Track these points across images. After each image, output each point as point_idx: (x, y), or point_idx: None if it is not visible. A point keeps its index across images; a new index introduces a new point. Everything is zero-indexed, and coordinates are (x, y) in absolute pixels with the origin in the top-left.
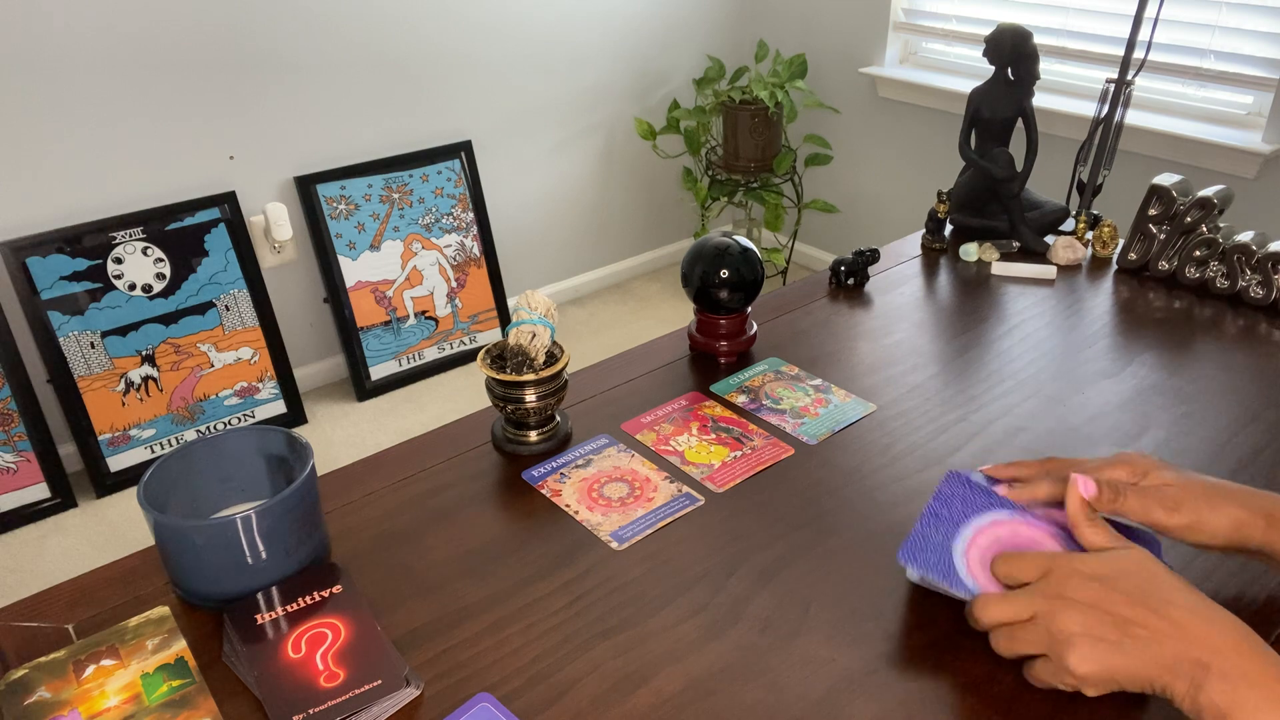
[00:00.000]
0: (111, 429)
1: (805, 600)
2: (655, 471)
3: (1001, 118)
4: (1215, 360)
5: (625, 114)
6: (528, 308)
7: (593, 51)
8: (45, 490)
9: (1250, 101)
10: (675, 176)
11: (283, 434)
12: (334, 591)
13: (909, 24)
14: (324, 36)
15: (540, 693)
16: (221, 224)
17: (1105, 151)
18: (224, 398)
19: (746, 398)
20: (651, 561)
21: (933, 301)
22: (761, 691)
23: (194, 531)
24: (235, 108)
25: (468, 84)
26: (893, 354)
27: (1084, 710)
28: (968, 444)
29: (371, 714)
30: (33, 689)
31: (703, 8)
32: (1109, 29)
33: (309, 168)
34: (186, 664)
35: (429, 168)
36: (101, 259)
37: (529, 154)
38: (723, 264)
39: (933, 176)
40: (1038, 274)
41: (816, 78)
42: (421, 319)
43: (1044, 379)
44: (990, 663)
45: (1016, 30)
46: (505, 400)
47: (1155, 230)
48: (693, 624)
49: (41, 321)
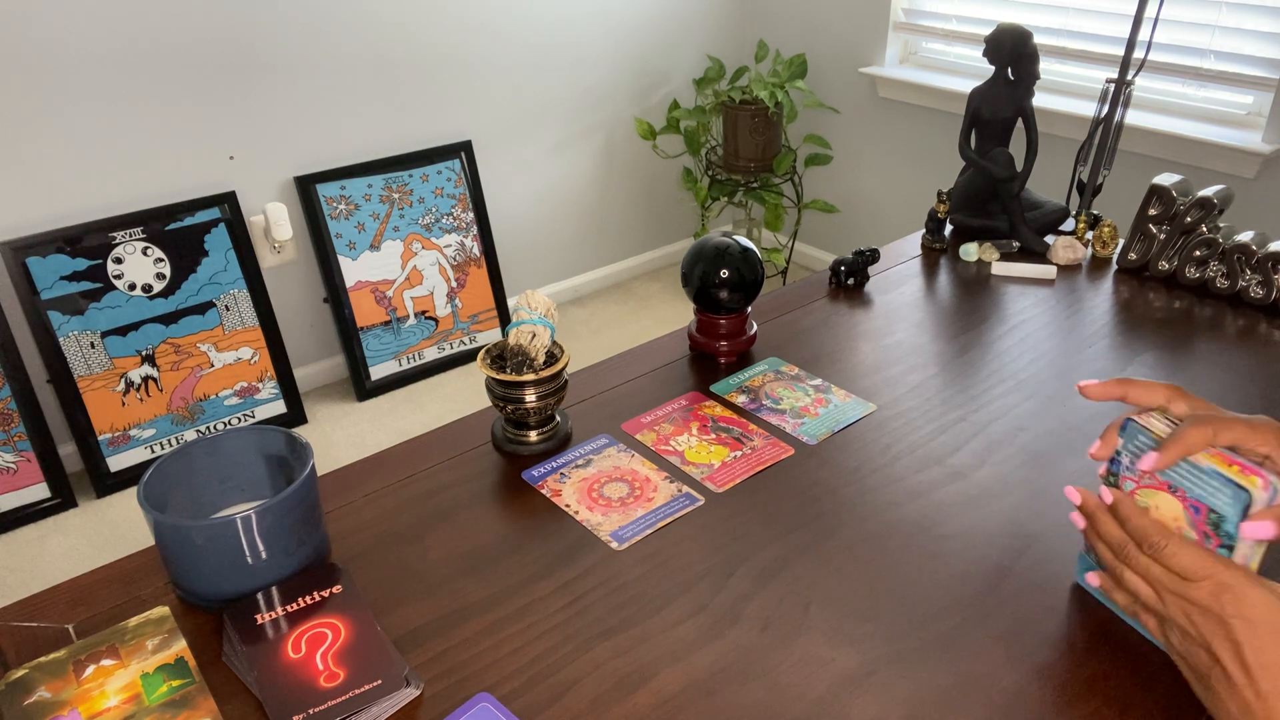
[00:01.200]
0: (111, 429)
1: (805, 600)
2: (655, 471)
3: (1001, 118)
4: (1215, 360)
5: (625, 114)
6: (528, 308)
7: (593, 51)
8: (45, 490)
9: (1250, 101)
10: (675, 176)
11: (283, 434)
12: (334, 591)
13: (909, 24)
14: (324, 37)
15: (540, 693)
16: (221, 224)
17: (1105, 151)
18: (224, 398)
19: (746, 398)
20: (651, 561)
21: (933, 301)
22: (761, 691)
23: (194, 531)
24: (235, 108)
25: (468, 84)
26: (893, 354)
27: (1084, 710)
28: (968, 444)
29: (371, 714)
30: (33, 689)
31: (703, 8)
32: (1109, 29)
33: (309, 168)
34: (186, 664)
35: (429, 168)
36: (101, 259)
37: (529, 154)
38: (723, 264)
39: (933, 176)
40: (1038, 274)
41: (816, 78)
42: (421, 319)
43: (1044, 379)
44: (990, 662)
45: (1016, 30)
46: (505, 400)
47: (1155, 230)
48: (693, 624)
49: (41, 321)
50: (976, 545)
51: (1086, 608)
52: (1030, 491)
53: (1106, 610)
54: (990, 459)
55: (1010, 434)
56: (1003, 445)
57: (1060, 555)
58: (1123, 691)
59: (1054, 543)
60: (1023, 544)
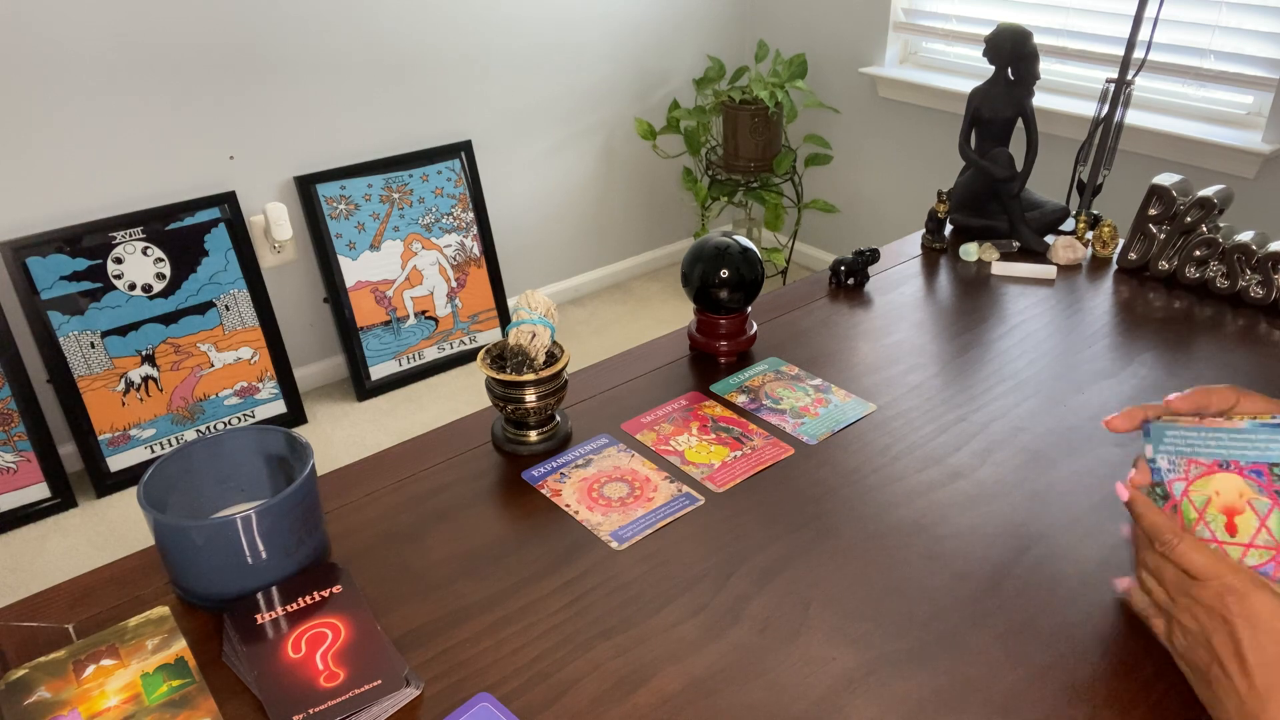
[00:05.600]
0: (111, 429)
1: (805, 600)
2: (655, 471)
3: (1001, 118)
4: (1215, 360)
5: (625, 114)
6: (528, 308)
7: (593, 51)
8: (45, 490)
9: (1250, 101)
10: (675, 176)
11: (283, 434)
12: (334, 591)
13: (909, 24)
14: (324, 36)
15: (540, 693)
16: (221, 224)
17: (1105, 151)
18: (224, 398)
19: (746, 398)
20: (651, 561)
21: (933, 301)
22: (761, 691)
23: (194, 531)
24: (235, 108)
25: (468, 84)
26: (893, 354)
27: (1084, 710)
28: (968, 444)
29: (371, 714)
30: (33, 689)
31: (703, 8)
32: (1109, 29)
33: (309, 168)
34: (186, 664)
35: (429, 167)
36: (101, 259)
37: (529, 154)
38: (723, 264)
39: (933, 176)
40: (1038, 274)
41: (816, 78)
42: (421, 319)
43: (1044, 379)
44: (990, 662)
45: (1016, 30)
46: (505, 400)
47: (1155, 230)
48: (693, 624)
49: (41, 321)
50: (976, 545)
51: (1087, 608)
52: (1030, 491)
53: (1106, 611)
54: (990, 459)
55: (1010, 434)
56: (1003, 445)
57: (1060, 555)
58: (1122, 692)
59: (1054, 543)
60: (1023, 544)
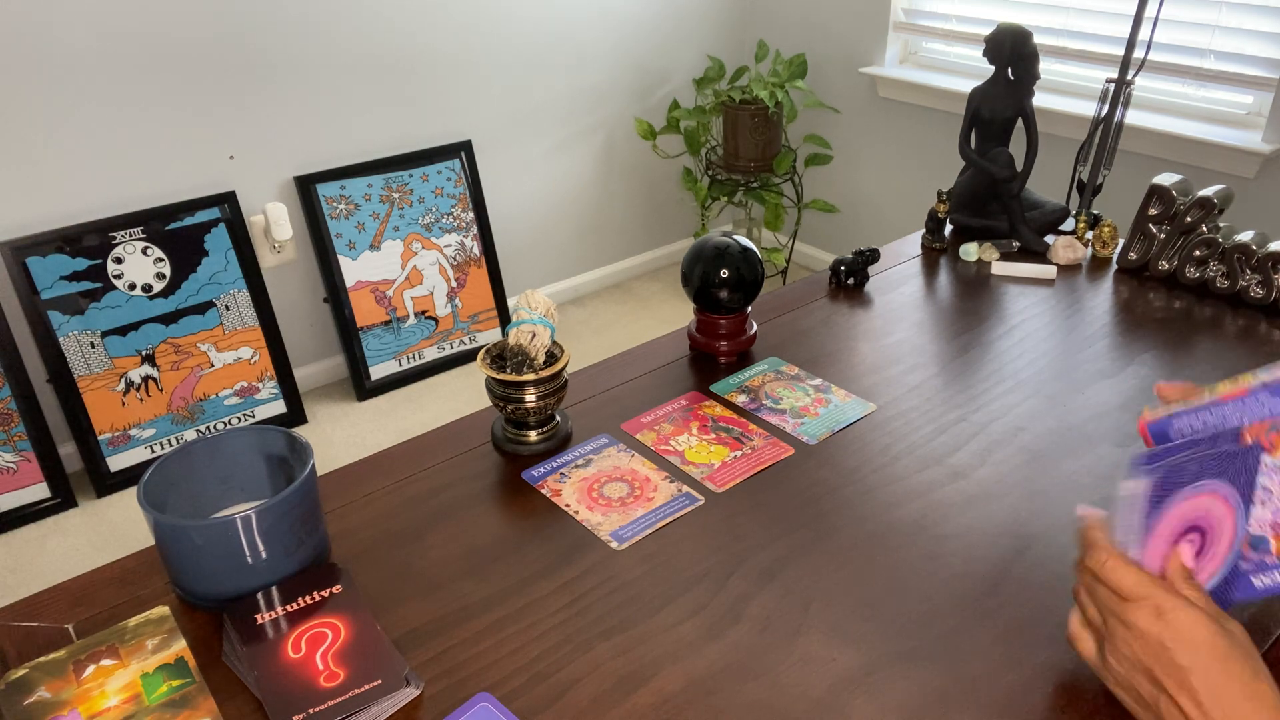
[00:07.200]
0: (111, 429)
1: (805, 600)
2: (655, 471)
3: (1001, 118)
4: (1215, 360)
5: (625, 114)
6: (528, 308)
7: (593, 51)
8: (45, 490)
9: (1250, 101)
10: (675, 176)
11: (283, 434)
12: (334, 591)
13: (909, 24)
14: (324, 36)
15: (540, 693)
16: (221, 224)
17: (1105, 151)
18: (224, 397)
19: (746, 398)
20: (651, 561)
21: (933, 301)
22: (761, 691)
23: (194, 531)
24: (235, 108)
25: (468, 84)
26: (893, 354)
27: (1084, 710)
28: (968, 444)
29: (371, 714)
30: (33, 689)
31: (703, 8)
32: (1109, 29)
33: (309, 168)
34: (186, 664)
35: (429, 167)
36: (101, 259)
37: (529, 154)
38: (723, 264)
39: (933, 176)
40: (1038, 274)
41: (816, 78)
42: (421, 319)
43: (1044, 379)
44: (990, 662)
45: (1016, 30)
46: (505, 400)
47: (1155, 230)
48: (693, 624)
49: (41, 321)
50: (976, 545)
51: None
52: (1030, 491)
53: None
54: (990, 459)
55: (1010, 434)
56: (1003, 445)
57: (1060, 555)
58: None
59: (1054, 543)
60: (1023, 544)
